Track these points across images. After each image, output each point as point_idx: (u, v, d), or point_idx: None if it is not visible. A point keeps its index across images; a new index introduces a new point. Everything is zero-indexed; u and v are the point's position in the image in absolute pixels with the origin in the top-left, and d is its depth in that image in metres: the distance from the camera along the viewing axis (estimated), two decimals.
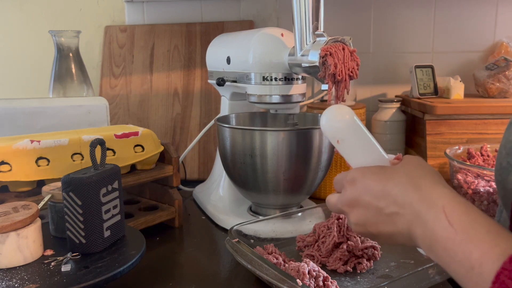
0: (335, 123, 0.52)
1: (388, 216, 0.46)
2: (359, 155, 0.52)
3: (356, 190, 0.49)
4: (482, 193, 0.81)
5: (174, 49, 1.24)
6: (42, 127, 0.86)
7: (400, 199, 0.45)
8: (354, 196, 0.49)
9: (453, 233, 0.39)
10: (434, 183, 0.44)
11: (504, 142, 0.52)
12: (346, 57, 0.70)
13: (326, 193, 0.98)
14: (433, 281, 0.60)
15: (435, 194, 0.43)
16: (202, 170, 1.15)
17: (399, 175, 0.47)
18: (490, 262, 0.35)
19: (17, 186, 0.68)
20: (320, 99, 1.19)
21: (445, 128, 1.01)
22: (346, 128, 0.51)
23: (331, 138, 0.52)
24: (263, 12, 1.27)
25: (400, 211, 0.45)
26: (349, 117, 0.51)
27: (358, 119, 0.52)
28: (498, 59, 1.14)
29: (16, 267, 0.55)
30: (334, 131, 0.52)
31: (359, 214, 0.49)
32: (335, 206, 0.53)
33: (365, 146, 0.52)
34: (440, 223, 0.40)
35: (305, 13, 0.72)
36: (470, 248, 0.37)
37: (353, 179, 0.49)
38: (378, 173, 0.48)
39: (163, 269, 0.70)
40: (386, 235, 0.47)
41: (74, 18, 1.28)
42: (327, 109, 0.52)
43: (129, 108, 1.21)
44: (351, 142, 0.52)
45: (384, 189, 0.46)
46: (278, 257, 0.64)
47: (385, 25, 1.27)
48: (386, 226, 0.47)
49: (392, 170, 0.48)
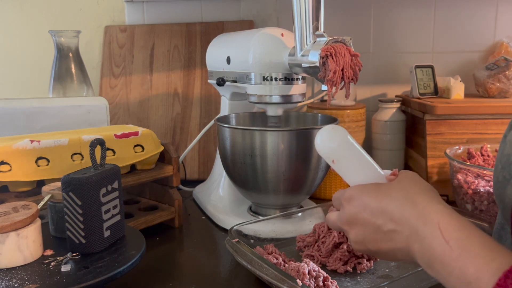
0: (330, 144, 0.52)
1: (386, 233, 0.47)
2: (355, 173, 0.53)
3: (353, 208, 0.50)
4: (482, 193, 0.81)
5: (174, 49, 1.24)
6: (42, 127, 0.86)
7: (397, 215, 0.46)
8: (352, 214, 0.50)
9: (449, 250, 0.39)
10: (430, 199, 0.45)
11: (499, 156, 0.52)
12: (347, 64, 0.70)
13: (326, 193, 0.98)
14: (433, 281, 0.60)
15: (431, 210, 0.43)
16: (202, 170, 1.15)
17: (395, 191, 0.47)
18: (486, 277, 0.36)
19: (17, 186, 0.68)
20: (320, 99, 1.19)
21: (445, 128, 1.01)
22: (340, 148, 0.52)
23: (327, 158, 0.53)
24: (263, 12, 1.27)
25: (397, 228, 0.45)
26: (343, 137, 0.52)
27: (352, 138, 0.53)
28: (498, 59, 1.14)
29: (16, 267, 0.55)
30: (329, 152, 0.53)
31: (357, 231, 0.50)
32: (335, 224, 0.54)
33: (361, 164, 0.53)
34: (436, 239, 0.41)
35: (305, 13, 0.72)
36: (466, 264, 0.38)
37: (351, 197, 0.51)
38: (375, 190, 0.49)
39: (163, 269, 0.70)
40: (386, 252, 0.48)
41: (74, 18, 1.28)
42: (321, 130, 0.53)
43: (129, 108, 1.21)
44: (346, 161, 0.53)
45: (381, 206, 0.47)
46: (278, 257, 0.64)
47: (385, 25, 1.27)
48: (385, 243, 0.47)
49: (388, 186, 0.49)
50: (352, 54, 0.71)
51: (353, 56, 0.71)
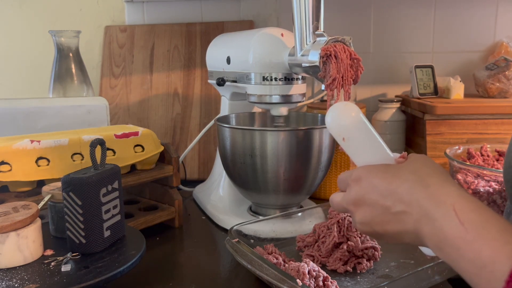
0: (341, 121, 0.50)
1: (394, 215, 0.45)
2: (365, 153, 0.51)
3: (361, 188, 0.48)
4: (482, 193, 0.81)
5: (174, 49, 1.24)
6: (42, 127, 0.86)
7: (407, 197, 0.44)
8: (360, 195, 0.48)
9: (464, 232, 0.38)
10: (443, 181, 0.44)
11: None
12: (347, 71, 0.70)
13: (326, 193, 0.98)
14: (433, 281, 0.60)
15: (444, 192, 0.42)
16: (202, 170, 1.15)
17: (406, 172, 0.46)
18: (502, 260, 0.35)
19: (17, 186, 0.69)
20: (320, 99, 1.19)
21: (445, 128, 1.01)
22: (352, 126, 0.50)
23: (337, 136, 0.51)
24: (263, 12, 1.27)
25: (407, 210, 0.44)
26: (355, 114, 0.50)
27: (364, 117, 0.51)
28: (498, 59, 1.14)
29: (16, 267, 0.55)
30: (340, 129, 0.51)
31: (364, 213, 0.48)
32: (340, 205, 0.52)
33: (371, 144, 0.51)
34: (450, 221, 0.40)
35: (305, 13, 0.72)
36: (481, 246, 0.37)
37: (359, 177, 0.49)
38: (384, 171, 0.47)
39: (163, 269, 0.70)
40: (393, 234, 0.46)
41: (74, 18, 1.28)
42: (333, 106, 0.51)
43: (129, 108, 1.21)
44: (357, 140, 0.51)
45: (390, 187, 0.45)
46: (278, 257, 0.64)
47: (385, 25, 1.27)
48: (392, 225, 0.46)
49: (398, 168, 0.47)
50: (354, 58, 0.71)
51: (355, 59, 0.71)
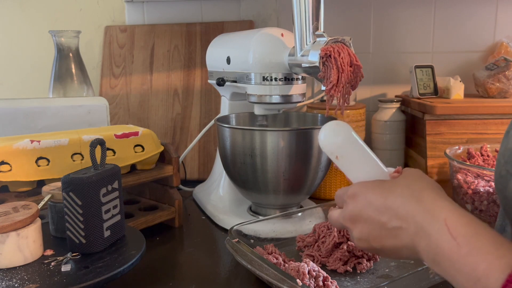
0: (334, 139, 0.52)
1: (391, 231, 0.46)
2: (359, 170, 0.52)
3: (357, 205, 0.49)
4: (482, 193, 0.81)
5: (174, 49, 1.24)
6: (42, 127, 0.86)
7: (402, 212, 0.45)
8: (356, 211, 0.49)
9: (457, 246, 0.39)
10: (436, 195, 0.44)
11: (502, 151, 0.51)
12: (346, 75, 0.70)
13: (326, 193, 0.98)
14: (433, 281, 0.60)
15: (437, 207, 0.43)
16: (202, 170, 1.15)
17: (401, 188, 0.47)
18: (495, 274, 0.35)
19: (17, 186, 0.69)
20: (320, 99, 1.19)
21: (445, 128, 1.01)
22: (344, 144, 0.52)
23: (330, 154, 0.53)
24: (263, 12, 1.27)
25: (402, 225, 0.44)
26: (347, 133, 0.52)
27: (356, 134, 0.52)
28: (498, 59, 1.14)
29: (16, 267, 0.55)
30: (333, 148, 0.52)
31: (362, 229, 0.48)
32: (337, 222, 0.53)
33: (364, 161, 0.52)
34: (443, 236, 0.40)
35: (305, 13, 0.72)
36: (475, 260, 0.37)
37: (354, 194, 0.50)
38: (379, 187, 0.48)
39: (163, 269, 0.70)
40: (390, 249, 0.47)
41: (74, 18, 1.28)
42: (325, 126, 0.53)
43: (129, 108, 1.21)
44: (350, 157, 0.52)
45: (386, 203, 0.46)
46: (278, 257, 0.64)
47: (385, 25, 1.27)
48: (389, 240, 0.46)
49: (393, 183, 0.48)
50: (355, 64, 0.71)
51: (356, 65, 0.71)
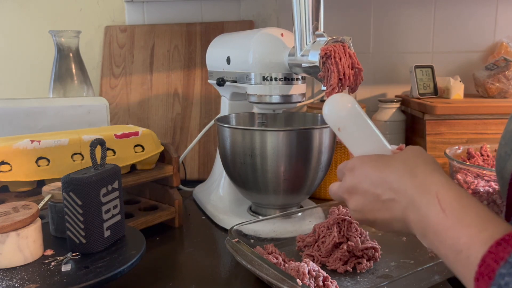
0: (337, 112, 0.53)
1: (384, 203, 0.47)
2: (360, 143, 0.53)
3: (355, 177, 0.51)
4: (482, 193, 0.81)
5: (174, 49, 1.24)
6: (42, 127, 0.86)
7: (395, 185, 0.46)
8: (353, 184, 0.51)
9: (444, 218, 0.40)
10: (430, 170, 0.46)
11: (504, 133, 0.53)
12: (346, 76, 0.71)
13: (326, 193, 0.98)
14: (433, 281, 0.60)
15: (430, 181, 0.44)
16: (202, 170, 1.15)
17: (397, 163, 0.48)
18: (477, 246, 0.36)
19: (17, 186, 0.69)
20: (320, 99, 1.19)
21: (445, 128, 1.01)
22: (347, 116, 0.52)
23: (333, 126, 0.53)
24: (263, 12, 1.27)
25: (395, 198, 0.46)
26: (351, 105, 0.52)
27: (360, 108, 0.53)
28: (498, 59, 1.14)
29: (16, 267, 0.56)
30: (336, 119, 0.53)
31: (357, 201, 0.50)
32: (336, 194, 0.55)
33: (366, 135, 0.53)
34: (433, 208, 0.41)
35: (305, 13, 0.72)
36: (459, 233, 0.38)
37: (353, 167, 0.51)
38: (377, 161, 0.50)
39: (163, 269, 0.70)
40: (383, 221, 0.49)
41: (74, 18, 1.28)
42: (330, 98, 0.53)
43: (129, 108, 1.21)
44: (352, 130, 0.53)
45: (381, 176, 0.48)
46: (278, 257, 0.64)
47: (385, 25, 1.27)
48: (382, 213, 0.48)
49: (390, 158, 0.49)
50: (356, 67, 0.71)
51: (357, 68, 0.71)
